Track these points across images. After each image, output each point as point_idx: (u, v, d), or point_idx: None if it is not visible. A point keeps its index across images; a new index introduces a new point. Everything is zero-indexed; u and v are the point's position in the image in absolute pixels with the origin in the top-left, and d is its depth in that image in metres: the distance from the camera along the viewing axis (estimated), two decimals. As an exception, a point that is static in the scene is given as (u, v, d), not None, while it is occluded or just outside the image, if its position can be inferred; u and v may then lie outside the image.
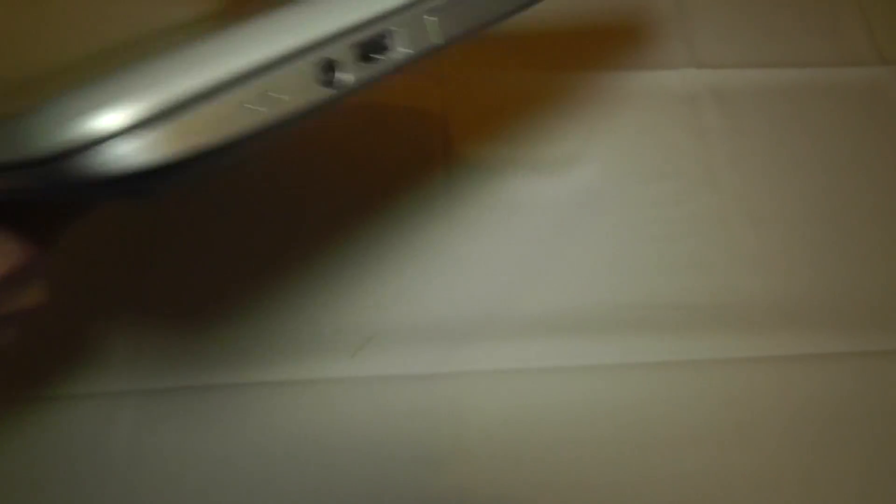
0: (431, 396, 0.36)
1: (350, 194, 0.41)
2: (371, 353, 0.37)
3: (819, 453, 0.36)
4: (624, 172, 0.42)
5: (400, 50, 0.16)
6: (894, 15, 0.46)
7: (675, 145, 0.43)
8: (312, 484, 0.35)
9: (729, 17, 0.46)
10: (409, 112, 0.43)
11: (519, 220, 0.41)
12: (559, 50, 0.45)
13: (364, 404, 0.37)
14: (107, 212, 0.39)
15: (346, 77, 0.16)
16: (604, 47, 0.45)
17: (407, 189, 0.42)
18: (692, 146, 0.43)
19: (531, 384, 0.37)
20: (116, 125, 0.13)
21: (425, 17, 0.17)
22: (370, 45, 0.16)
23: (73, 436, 0.35)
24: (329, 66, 0.15)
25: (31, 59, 0.37)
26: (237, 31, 0.15)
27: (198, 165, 0.14)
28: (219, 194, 0.41)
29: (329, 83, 0.15)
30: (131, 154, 0.13)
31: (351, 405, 0.37)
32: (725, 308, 0.39)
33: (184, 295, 0.38)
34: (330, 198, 0.41)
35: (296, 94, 0.15)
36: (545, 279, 0.40)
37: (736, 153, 0.43)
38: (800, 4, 0.46)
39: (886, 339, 0.39)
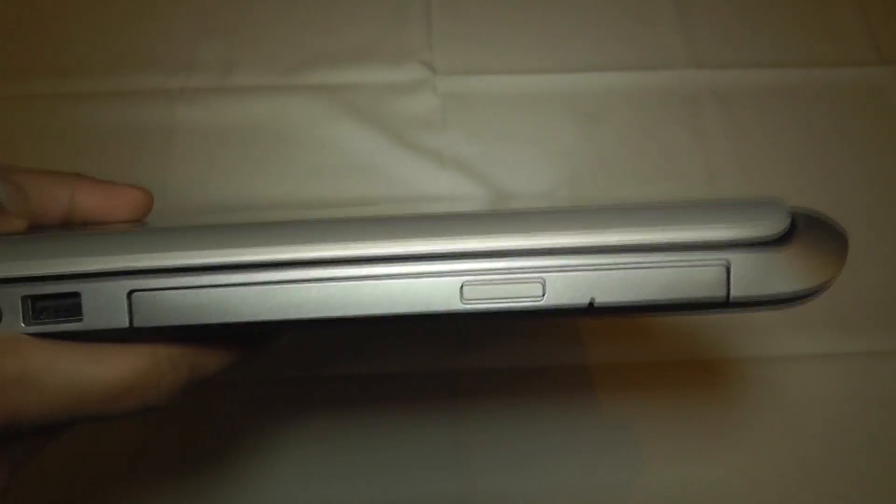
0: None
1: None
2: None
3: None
4: (624, 173, 0.42)
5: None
6: (894, 15, 0.46)
7: (675, 145, 0.43)
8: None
9: (729, 17, 0.46)
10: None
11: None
12: (561, 50, 0.45)
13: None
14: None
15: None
16: (603, 48, 0.45)
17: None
18: (692, 146, 0.43)
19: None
20: None
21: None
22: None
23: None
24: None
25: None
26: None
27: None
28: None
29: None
30: None
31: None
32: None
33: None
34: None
35: None
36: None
37: (736, 153, 0.43)
38: (800, 4, 0.46)
39: (883, 339, 0.39)
